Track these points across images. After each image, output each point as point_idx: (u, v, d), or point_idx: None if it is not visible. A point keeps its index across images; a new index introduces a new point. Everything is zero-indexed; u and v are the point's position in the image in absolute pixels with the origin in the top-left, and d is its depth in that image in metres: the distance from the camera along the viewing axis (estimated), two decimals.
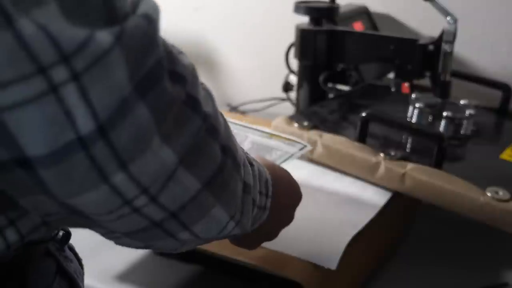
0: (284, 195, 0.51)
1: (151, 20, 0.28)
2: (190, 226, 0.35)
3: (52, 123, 0.26)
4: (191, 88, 0.32)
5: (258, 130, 0.72)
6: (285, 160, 0.66)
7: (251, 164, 0.43)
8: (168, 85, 0.29)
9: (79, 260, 0.47)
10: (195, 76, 0.33)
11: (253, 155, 0.65)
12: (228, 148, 0.36)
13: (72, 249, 0.46)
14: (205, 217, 0.35)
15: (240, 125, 0.73)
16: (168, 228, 0.34)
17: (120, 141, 0.27)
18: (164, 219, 0.33)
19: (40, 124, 0.25)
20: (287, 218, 0.55)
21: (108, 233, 0.35)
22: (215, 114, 0.34)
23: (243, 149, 0.43)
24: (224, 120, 0.37)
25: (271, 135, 0.71)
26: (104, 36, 0.25)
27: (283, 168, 0.54)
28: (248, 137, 0.70)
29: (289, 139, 0.71)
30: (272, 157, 0.66)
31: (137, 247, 0.38)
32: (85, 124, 0.26)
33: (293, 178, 0.55)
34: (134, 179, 0.29)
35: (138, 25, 0.27)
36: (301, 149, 0.69)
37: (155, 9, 0.29)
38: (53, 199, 0.29)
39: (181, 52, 0.33)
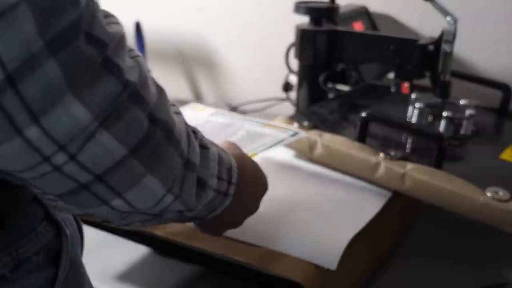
0: (250, 184, 0.53)
1: None
2: (122, 193, 0.36)
3: None
4: (112, 54, 0.33)
5: (253, 121, 0.73)
6: (275, 144, 0.67)
7: (205, 147, 0.45)
8: (83, 46, 0.31)
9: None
10: (120, 44, 0.34)
11: (247, 142, 0.66)
12: (160, 120, 0.37)
13: None
14: (137, 185, 0.36)
15: (237, 117, 0.75)
16: (97, 192, 0.35)
17: (29, 93, 0.29)
18: (91, 182, 0.34)
19: None
20: (253, 207, 0.56)
21: (43, 195, 0.37)
22: (142, 84, 0.35)
23: (197, 131, 0.45)
24: (162, 94, 0.39)
25: (265, 125, 0.72)
26: None
27: (251, 158, 0.56)
28: (243, 126, 0.71)
29: (282, 127, 0.71)
30: (264, 142, 0.67)
31: (76, 214, 0.39)
32: None
33: (260, 169, 0.56)
34: (48, 134, 0.31)
35: None
36: (292, 135, 0.69)
37: None
38: None
39: (114, 22, 0.35)
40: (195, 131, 0.45)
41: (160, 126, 0.37)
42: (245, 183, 0.52)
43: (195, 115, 0.78)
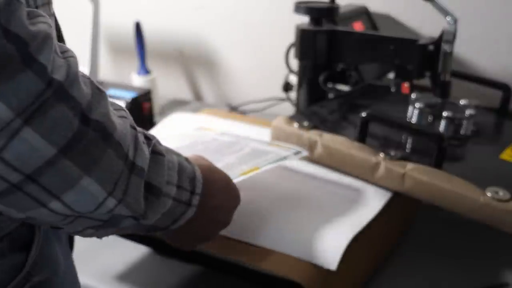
0: (219, 196, 0.54)
1: None
2: (59, 195, 0.36)
3: None
4: (34, 51, 0.33)
5: (258, 140, 0.74)
6: (278, 160, 0.68)
7: (159, 154, 0.45)
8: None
9: None
10: (44, 42, 0.34)
11: (251, 158, 0.68)
12: (94, 121, 0.37)
13: None
14: (73, 187, 0.36)
15: (243, 136, 0.77)
16: (32, 193, 0.35)
17: None
18: (22, 182, 0.34)
19: None
20: (223, 219, 0.56)
21: None
22: (70, 83, 0.35)
23: (152, 138, 0.45)
24: (100, 96, 0.38)
25: (270, 144, 0.74)
26: None
27: (221, 171, 0.56)
28: (248, 145, 0.73)
29: (285, 147, 0.73)
30: (267, 158, 0.68)
31: (19, 218, 0.39)
32: None
33: (231, 181, 0.57)
34: None
35: None
36: (295, 153, 0.71)
37: None
38: None
39: (42, 22, 0.35)
40: (149, 137, 0.45)
41: (94, 126, 0.37)
42: (213, 195, 0.52)
43: (203, 134, 0.79)
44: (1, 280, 0.42)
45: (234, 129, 0.90)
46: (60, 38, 0.48)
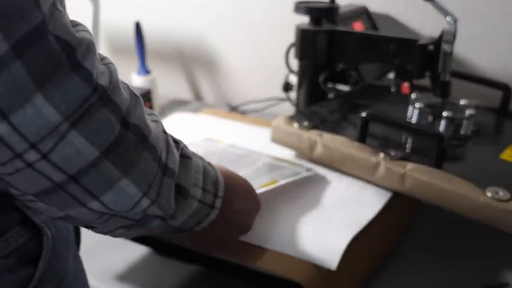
0: (239, 201, 0.55)
1: None
2: (99, 195, 0.37)
3: None
4: (81, 58, 0.34)
5: (270, 156, 0.76)
6: (292, 176, 0.69)
7: (186, 157, 0.46)
8: (50, 48, 0.32)
9: None
10: (89, 49, 0.35)
11: (266, 172, 0.68)
12: (133, 125, 0.38)
13: None
14: (112, 188, 0.38)
15: (252, 149, 0.78)
16: (74, 193, 0.36)
17: None
18: (65, 181, 0.36)
19: None
20: (242, 225, 0.57)
21: (22, 195, 0.38)
22: (113, 88, 0.37)
23: (180, 142, 0.46)
24: (136, 102, 0.40)
25: (281, 160, 0.75)
26: None
27: (241, 178, 0.57)
28: (260, 159, 0.74)
29: (296, 164, 0.74)
30: (283, 172, 0.70)
31: (58, 217, 0.40)
32: None
33: (252, 188, 0.58)
34: (18, 131, 0.32)
35: None
36: (307, 170, 0.72)
37: None
38: None
39: (83, 30, 0.36)
40: (177, 141, 0.46)
41: (133, 130, 0.38)
42: (233, 199, 0.53)
43: (213, 145, 0.80)
44: None
45: (235, 129, 0.90)
46: None
